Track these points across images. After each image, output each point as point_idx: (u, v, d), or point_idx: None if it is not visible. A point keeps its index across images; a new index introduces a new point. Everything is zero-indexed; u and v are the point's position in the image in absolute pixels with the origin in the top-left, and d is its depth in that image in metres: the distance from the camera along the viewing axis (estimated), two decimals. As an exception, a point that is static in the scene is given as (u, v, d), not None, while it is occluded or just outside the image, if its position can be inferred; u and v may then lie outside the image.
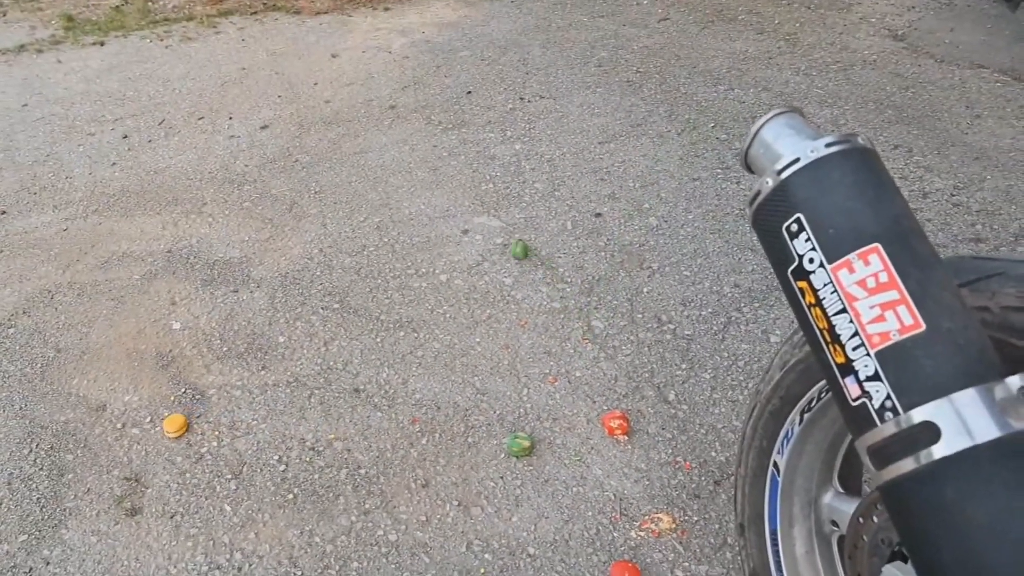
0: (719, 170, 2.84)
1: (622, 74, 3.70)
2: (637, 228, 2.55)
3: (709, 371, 1.97)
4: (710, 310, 2.17)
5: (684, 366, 1.99)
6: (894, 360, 0.68)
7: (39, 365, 2.18)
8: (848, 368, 0.72)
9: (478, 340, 2.14)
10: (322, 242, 2.62)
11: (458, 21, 4.63)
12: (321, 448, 1.85)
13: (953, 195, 2.58)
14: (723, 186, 2.75)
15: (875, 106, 3.19)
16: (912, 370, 0.67)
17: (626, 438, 1.80)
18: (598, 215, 2.64)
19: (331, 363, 2.10)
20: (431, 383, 2.00)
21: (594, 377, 1.98)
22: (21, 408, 2.04)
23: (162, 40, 4.74)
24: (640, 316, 2.17)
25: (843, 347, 0.72)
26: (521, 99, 3.53)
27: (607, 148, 3.05)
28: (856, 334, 0.71)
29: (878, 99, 3.25)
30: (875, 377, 0.69)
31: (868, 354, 0.70)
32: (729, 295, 2.22)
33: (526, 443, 1.77)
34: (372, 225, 2.69)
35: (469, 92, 3.64)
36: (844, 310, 0.72)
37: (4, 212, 2.97)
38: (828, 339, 0.75)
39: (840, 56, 3.69)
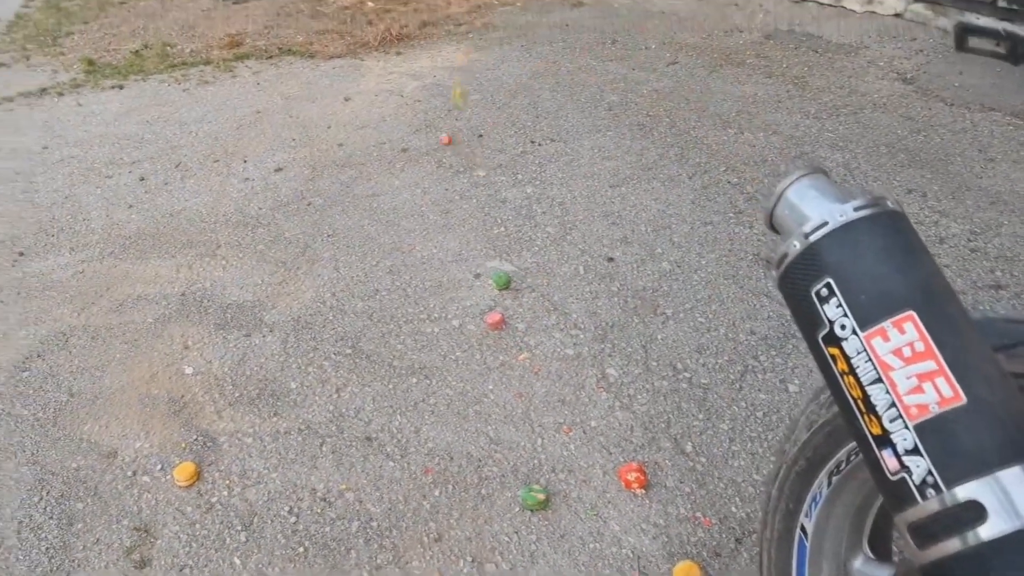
0: (731, 214, 2.84)
1: (632, 117, 3.73)
2: (650, 273, 2.55)
3: (727, 422, 1.94)
4: (726, 358, 2.15)
5: (701, 416, 1.96)
6: (934, 434, 0.66)
7: (52, 410, 2.18)
8: (885, 440, 0.70)
9: (491, 387, 2.12)
10: (335, 286, 2.63)
11: (469, 65, 4.70)
12: (332, 499, 1.82)
13: (970, 240, 2.57)
14: (736, 230, 2.74)
15: (887, 149, 3.20)
16: (954, 445, 0.65)
17: (643, 491, 1.77)
18: (610, 259, 2.63)
19: (343, 410, 2.08)
20: (444, 432, 1.98)
21: (609, 427, 1.95)
22: (33, 454, 2.02)
23: (180, 83, 4.83)
24: (655, 364, 2.15)
25: (879, 418, 0.70)
26: (532, 142, 3.56)
27: (618, 192, 3.06)
28: (893, 405, 0.69)
29: (889, 142, 3.26)
30: (915, 451, 0.67)
31: (906, 427, 0.68)
32: (745, 342, 2.20)
33: (541, 496, 1.74)
34: (385, 269, 2.70)
35: (480, 135, 3.68)
36: (879, 380, 0.71)
37: (22, 254, 3.00)
38: (862, 408, 0.73)
39: (849, 100, 3.72)
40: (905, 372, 0.69)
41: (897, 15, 4.66)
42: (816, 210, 0.81)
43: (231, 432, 2.04)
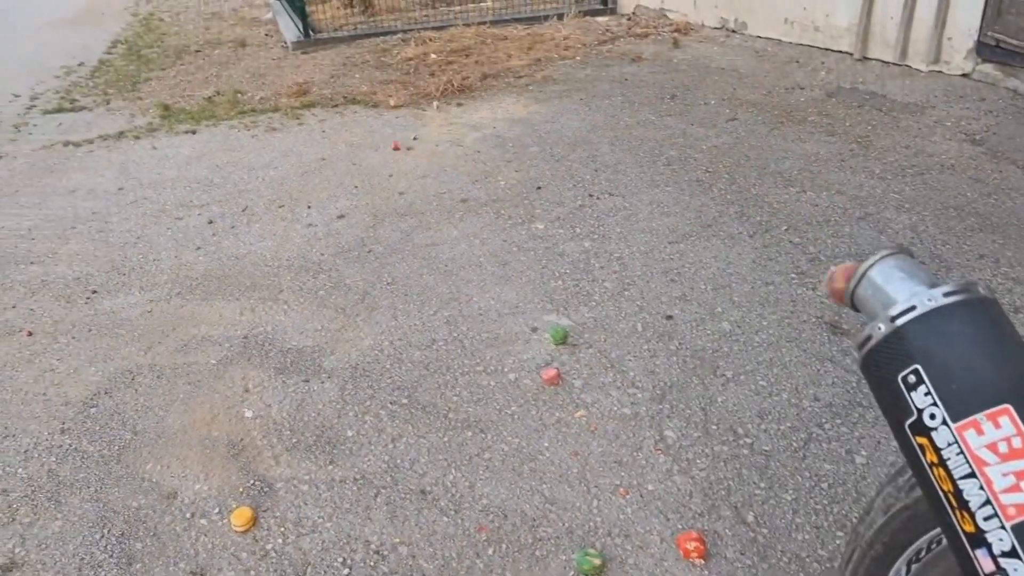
0: (793, 275, 2.80)
1: (691, 173, 3.73)
2: (709, 333, 2.51)
3: (790, 492, 1.88)
4: (789, 424, 2.09)
5: (763, 485, 1.90)
6: None
7: (116, 447, 2.23)
8: (979, 539, 0.67)
9: (546, 444, 2.10)
10: (392, 334, 2.66)
11: (528, 117, 4.79)
12: (386, 552, 1.81)
13: (1047, 310, 2.47)
14: (798, 292, 2.69)
15: (956, 212, 3.12)
16: None
17: (703, 562, 1.71)
18: (669, 317, 2.61)
19: (398, 461, 2.09)
20: (498, 488, 1.96)
21: (667, 492, 1.91)
22: (96, 491, 2.07)
23: (249, 130, 5.03)
24: (715, 427, 2.10)
25: (972, 515, 0.68)
26: (590, 196, 3.59)
27: (677, 248, 3.05)
28: (988, 503, 0.67)
29: (958, 205, 3.18)
30: (1012, 553, 0.64)
31: (1003, 527, 0.65)
32: (809, 409, 2.14)
33: (597, 561, 1.70)
34: (442, 319, 2.72)
35: (539, 187, 3.72)
36: (973, 475, 0.68)
37: (95, 292, 3.12)
38: (954, 503, 0.70)
39: (916, 160, 3.66)
40: (1001, 469, 0.66)
41: (965, 75, 4.59)
42: (902, 293, 0.80)
43: (287, 478, 2.06)
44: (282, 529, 1.90)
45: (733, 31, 6.33)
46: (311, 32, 7.32)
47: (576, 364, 2.41)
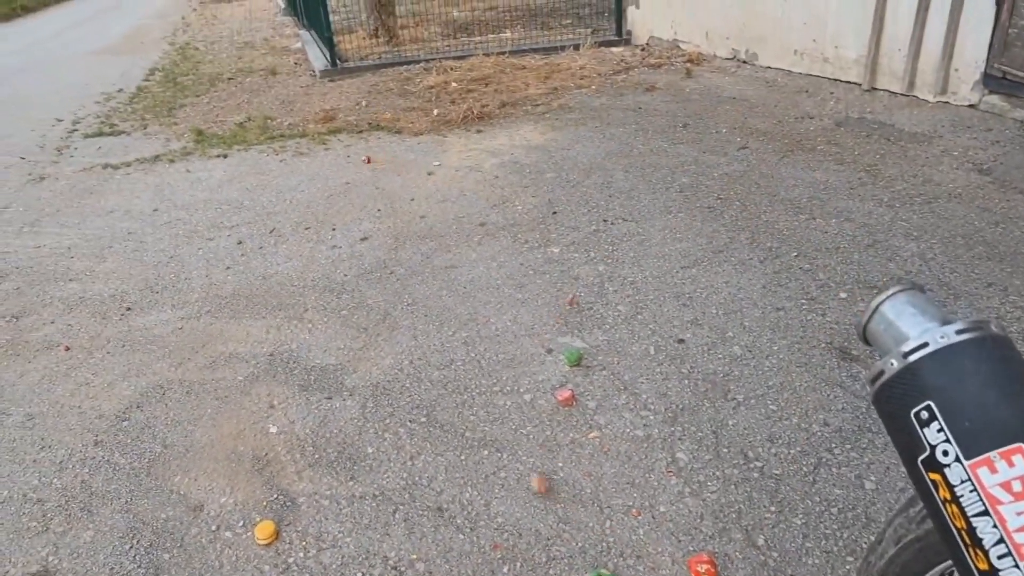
0: (803, 300, 2.85)
1: (703, 200, 3.80)
2: (721, 357, 2.56)
3: (800, 516, 1.91)
4: (799, 449, 2.13)
5: (773, 508, 1.94)
6: None
7: (146, 460, 2.32)
8: None
9: (560, 464, 2.16)
10: (412, 354, 2.74)
11: (545, 144, 4.89)
12: (403, 568, 1.87)
13: (1057, 339, 2.49)
14: (808, 317, 2.74)
15: (964, 241, 3.15)
16: None
17: (712, 582, 1.75)
18: (680, 341, 2.67)
19: (416, 478, 2.15)
20: (513, 507, 2.02)
21: (679, 513, 1.95)
22: (127, 502, 2.16)
23: (278, 154, 5.19)
24: (726, 450, 2.15)
25: (986, 553, 0.68)
26: (604, 221, 3.67)
27: (689, 273, 3.11)
28: (1002, 541, 0.67)
29: (967, 234, 3.21)
30: None
31: (1016, 566, 0.65)
32: (819, 434, 2.18)
33: (608, 579, 1.75)
34: (460, 339, 2.80)
35: (555, 212, 3.81)
36: (986, 512, 0.68)
37: (129, 309, 3.25)
38: (967, 541, 0.70)
39: (924, 189, 3.70)
40: (1015, 508, 0.66)
41: (972, 106, 4.63)
42: (915, 329, 0.80)
43: (310, 493, 2.13)
44: (304, 543, 1.97)
45: (744, 62, 6.42)
46: (338, 61, 7.53)
47: (590, 386, 2.47)
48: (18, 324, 3.19)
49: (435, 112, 5.78)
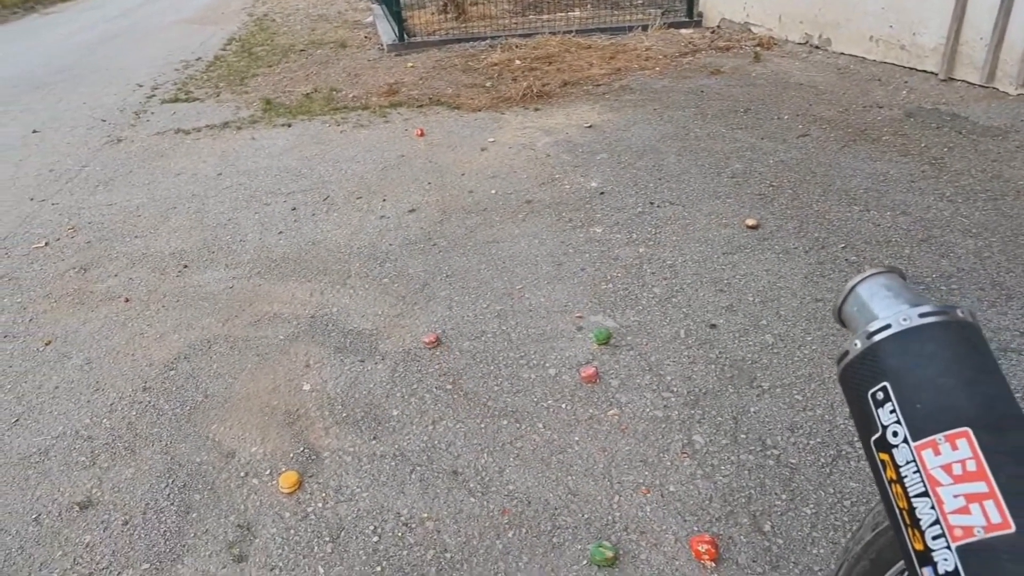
0: (848, 293, 2.76)
1: (754, 187, 3.71)
2: (751, 344, 2.52)
3: (811, 506, 1.89)
4: (819, 440, 2.09)
5: (785, 496, 1.92)
6: (976, 560, 0.63)
7: (188, 407, 2.46)
8: (927, 558, 0.67)
9: (577, 439, 2.18)
10: (446, 323, 2.79)
11: (601, 124, 4.86)
12: (414, 525, 1.94)
13: (1117, 347, 2.35)
14: (850, 310, 2.65)
15: (1031, 241, 2.99)
16: (995, 575, 0.62)
17: (713, 564, 1.75)
18: (713, 326, 2.64)
19: (436, 442, 2.21)
20: (526, 476, 2.06)
21: (688, 494, 1.95)
22: (167, 445, 2.30)
23: (339, 125, 5.32)
24: (744, 436, 2.13)
25: (922, 534, 0.68)
26: (651, 203, 3.63)
27: (730, 259, 3.06)
28: (937, 522, 0.67)
29: (1035, 233, 3.04)
30: (955, 574, 0.64)
31: (948, 547, 0.65)
32: (841, 427, 2.13)
33: (609, 553, 1.77)
34: (493, 312, 2.84)
35: (602, 193, 3.79)
36: (926, 494, 0.68)
37: (186, 266, 3.42)
38: (907, 521, 0.70)
39: (991, 185, 3.51)
40: (953, 490, 0.67)
41: (1060, 99, 4.35)
42: (883, 310, 0.80)
43: (334, 449, 2.22)
44: (323, 495, 2.06)
45: (816, 47, 6.18)
46: (406, 36, 7.63)
47: (615, 364, 2.48)
48: (86, 275, 3.41)
49: (495, 89, 5.80)
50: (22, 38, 10.80)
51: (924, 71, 5.19)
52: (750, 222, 3.31)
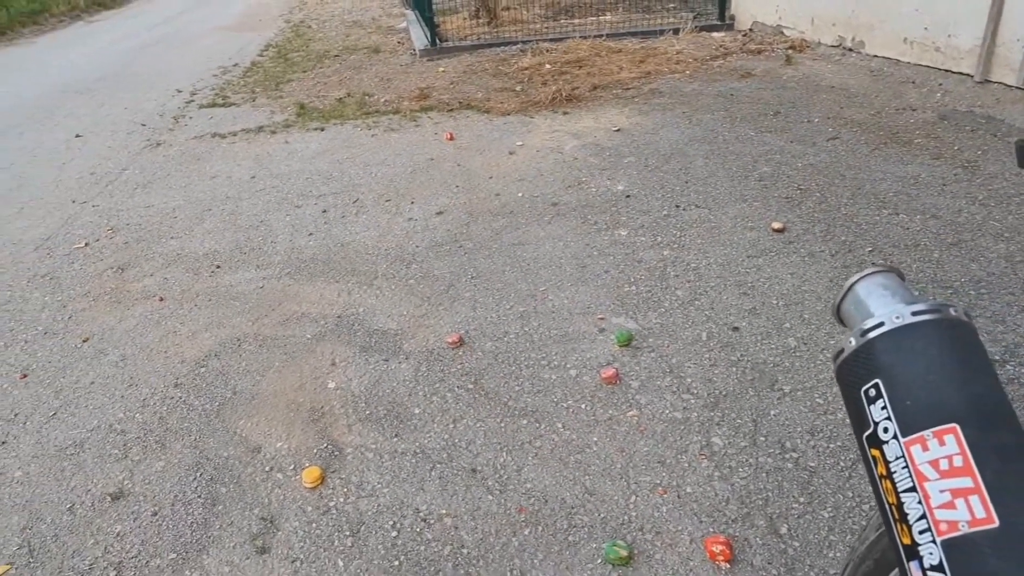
0: (875, 297, 2.72)
1: (782, 190, 3.68)
2: (774, 347, 2.51)
3: (829, 509, 1.87)
4: (839, 444, 2.07)
5: (802, 499, 1.91)
6: (960, 554, 0.64)
7: (217, 403, 2.53)
8: (913, 552, 0.68)
9: (595, 439, 2.19)
10: (469, 324, 2.83)
11: (629, 128, 4.85)
12: (432, 521, 1.97)
13: None
14: (877, 315, 2.62)
15: (1068, 246, 2.91)
16: (979, 569, 0.63)
17: (728, 566, 1.75)
18: (735, 329, 2.62)
19: (456, 440, 2.25)
20: (543, 475, 2.08)
21: (705, 495, 1.95)
22: (196, 439, 2.37)
23: (370, 130, 5.41)
24: (763, 439, 2.12)
25: (910, 528, 0.68)
26: (677, 207, 3.62)
27: (755, 263, 3.04)
28: (923, 517, 0.67)
29: (1073, 238, 2.96)
30: (939, 568, 0.65)
31: (934, 541, 0.66)
32: (864, 432, 2.11)
33: (624, 552, 1.78)
34: (516, 314, 2.86)
35: (628, 196, 3.79)
36: (914, 489, 0.69)
37: (219, 267, 3.51)
38: (896, 516, 0.71)
39: (1028, 189, 3.43)
40: (939, 485, 0.67)
41: (1103, 101, 4.23)
42: (878, 308, 0.81)
43: (356, 445, 2.27)
44: (345, 490, 2.11)
45: (850, 50, 6.09)
46: (438, 41, 7.71)
47: (636, 366, 2.48)
48: (123, 275, 3.52)
49: (524, 93, 5.84)
50: (69, 46, 11.17)
51: (959, 73, 5.09)
52: (776, 225, 3.29)
